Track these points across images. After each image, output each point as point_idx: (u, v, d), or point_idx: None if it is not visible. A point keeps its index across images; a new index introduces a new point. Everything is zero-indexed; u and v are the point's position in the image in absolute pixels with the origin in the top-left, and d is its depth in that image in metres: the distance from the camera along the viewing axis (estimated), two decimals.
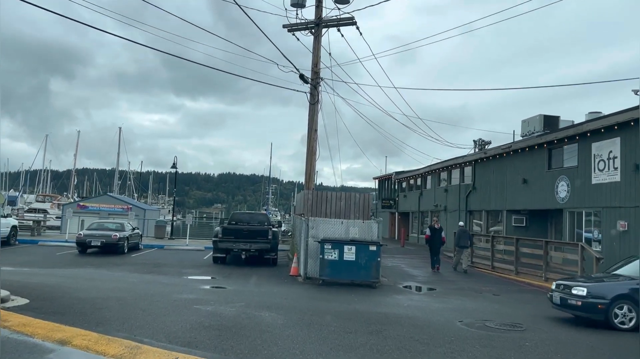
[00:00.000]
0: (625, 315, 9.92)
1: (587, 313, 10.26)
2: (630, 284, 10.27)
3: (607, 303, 9.96)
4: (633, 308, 9.89)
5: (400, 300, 12.70)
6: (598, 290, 10.27)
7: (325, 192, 18.12)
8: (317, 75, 19.07)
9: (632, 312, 9.91)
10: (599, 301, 10.04)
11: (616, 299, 9.97)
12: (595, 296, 10.12)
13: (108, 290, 11.85)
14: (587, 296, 10.20)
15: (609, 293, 10.10)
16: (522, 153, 21.88)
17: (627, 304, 9.93)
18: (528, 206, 21.71)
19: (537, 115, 27.94)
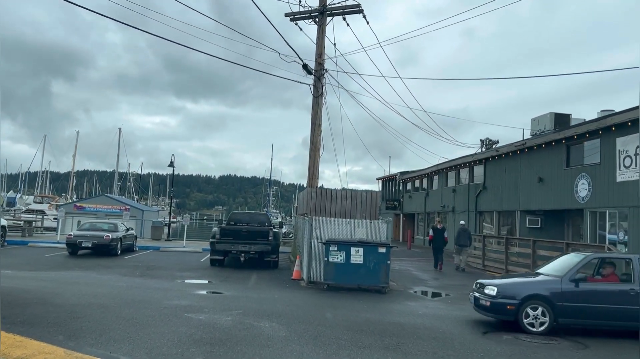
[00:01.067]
0: (536, 317, 9.06)
1: (497, 314, 9.44)
2: (544, 283, 9.44)
3: (517, 304, 9.12)
4: (545, 310, 9.06)
5: (413, 308, 11.54)
6: (508, 289, 9.42)
7: (330, 190, 16.98)
8: (321, 66, 17.96)
9: (545, 316, 9.07)
10: (508, 302, 9.21)
11: (527, 300, 9.12)
12: (505, 296, 9.29)
13: (91, 296, 10.72)
14: (496, 295, 9.37)
15: (519, 293, 9.24)
16: (537, 150, 20.72)
17: (538, 305, 9.09)
18: (544, 207, 20.54)
19: (548, 113, 26.86)
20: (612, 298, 9.06)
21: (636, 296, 8.93)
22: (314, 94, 18.02)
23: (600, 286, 9.38)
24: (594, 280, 9.71)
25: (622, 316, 8.99)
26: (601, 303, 9.05)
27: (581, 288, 9.15)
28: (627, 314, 8.96)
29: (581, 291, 9.13)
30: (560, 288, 9.14)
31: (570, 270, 9.48)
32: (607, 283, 9.52)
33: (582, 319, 9.17)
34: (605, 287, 9.32)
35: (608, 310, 9.05)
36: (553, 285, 9.26)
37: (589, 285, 9.32)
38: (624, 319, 9.01)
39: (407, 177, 38.31)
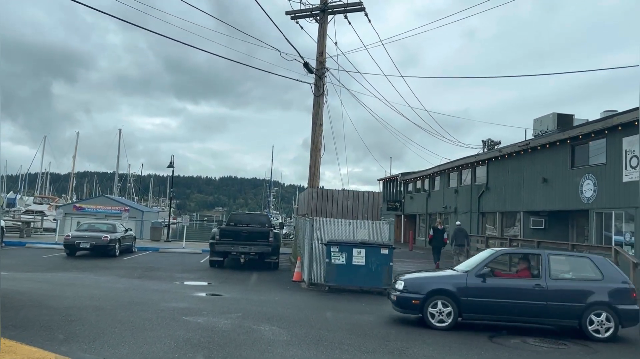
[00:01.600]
0: (441, 312, 8.92)
1: (403, 309, 9.34)
2: (450, 278, 9.33)
3: (421, 298, 9.01)
4: (450, 305, 8.91)
5: None
6: (414, 284, 9.30)
7: (331, 191, 16.72)
8: (322, 65, 17.72)
9: (450, 311, 8.93)
10: (413, 296, 9.09)
11: (432, 295, 9.01)
12: (411, 291, 9.18)
13: (87, 298, 10.47)
14: (402, 290, 9.28)
15: (424, 288, 9.13)
16: (541, 150, 20.44)
17: (443, 301, 8.93)
18: (548, 207, 20.26)
19: (550, 113, 26.63)
20: (517, 293, 8.91)
21: (541, 292, 8.82)
22: (315, 93, 17.78)
23: (507, 281, 9.24)
24: (504, 275, 9.61)
25: (528, 312, 8.88)
26: (507, 298, 8.90)
27: (488, 283, 9.02)
28: (532, 310, 8.85)
29: (487, 286, 8.99)
30: (465, 283, 9.04)
31: (477, 265, 9.39)
32: (514, 278, 9.41)
33: (488, 315, 9.05)
34: (511, 283, 9.18)
35: (514, 306, 8.88)
36: (459, 280, 9.16)
37: (496, 280, 9.18)
38: (529, 315, 8.90)
39: (409, 177, 38.04)
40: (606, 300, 8.69)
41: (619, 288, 8.81)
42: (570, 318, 8.78)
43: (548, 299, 8.77)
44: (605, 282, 8.87)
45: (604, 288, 8.80)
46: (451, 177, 30.19)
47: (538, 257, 9.32)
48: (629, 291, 8.79)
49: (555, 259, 9.29)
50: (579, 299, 8.74)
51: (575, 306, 8.70)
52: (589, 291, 8.80)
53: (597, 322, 8.66)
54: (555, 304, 8.76)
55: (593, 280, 8.99)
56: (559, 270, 9.22)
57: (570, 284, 9.00)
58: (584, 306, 8.68)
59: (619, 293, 8.77)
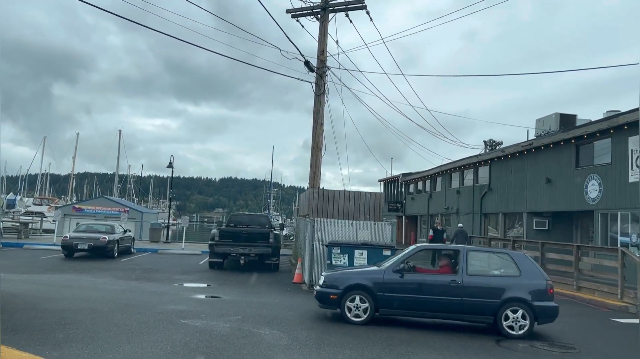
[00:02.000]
0: (357, 307, 8.99)
1: (323, 304, 9.38)
2: (368, 273, 9.38)
3: (339, 293, 9.07)
4: (367, 300, 8.97)
5: None
6: (333, 279, 9.36)
7: (332, 191, 16.47)
8: (323, 63, 17.48)
9: (366, 306, 8.98)
10: (331, 291, 9.18)
11: (349, 290, 9.06)
12: (330, 286, 9.27)
13: (83, 300, 10.23)
14: (322, 285, 9.41)
15: (342, 283, 9.18)
16: (545, 150, 20.19)
17: (360, 295, 8.99)
18: (552, 208, 20.01)
19: (553, 113, 26.45)
20: (434, 289, 8.89)
21: (457, 288, 8.76)
22: (315, 92, 17.54)
23: (425, 277, 9.18)
24: (424, 271, 9.58)
25: (444, 308, 8.85)
26: (423, 294, 8.88)
27: (406, 279, 9.01)
28: (448, 305, 8.81)
29: (404, 282, 8.99)
30: (382, 279, 9.06)
31: (396, 260, 9.40)
32: (433, 274, 9.37)
33: (405, 310, 9.06)
34: (429, 278, 9.12)
35: (430, 301, 8.86)
36: (376, 275, 9.18)
37: (414, 276, 9.14)
38: (445, 310, 8.87)
39: (410, 178, 37.78)
40: (522, 296, 8.59)
41: (535, 284, 8.70)
42: (486, 313, 8.71)
43: (463, 295, 8.72)
44: (523, 278, 8.78)
45: (520, 284, 8.71)
46: (453, 178, 29.94)
47: (457, 253, 9.28)
48: (546, 288, 8.69)
49: (474, 255, 9.27)
50: (494, 295, 8.67)
51: (491, 302, 8.63)
52: (505, 288, 8.71)
53: (512, 318, 8.55)
54: (470, 300, 8.71)
55: (510, 276, 8.91)
56: (477, 266, 9.18)
57: (486, 280, 8.92)
58: (500, 302, 8.59)
59: (535, 290, 8.65)
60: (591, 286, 14.61)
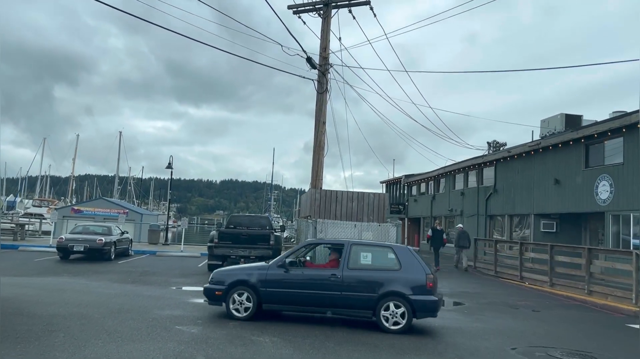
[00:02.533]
0: (241, 303, 8.98)
1: (210, 300, 9.36)
2: (253, 269, 9.43)
3: (224, 289, 9.07)
4: (250, 295, 8.97)
5: (429, 319, 10.49)
6: (220, 276, 9.39)
7: (335, 192, 15.99)
8: (325, 60, 17.01)
9: (249, 302, 8.96)
10: (217, 287, 9.19)
11: (234, 286, 9.06)
12: (216, 282, 9.27)
13: (75, 305, 9.73)
14: (210, 281, 9.43)
15: (228, 279, 9.21)
16: (553, 150, 19.68)
17: (244, 291, 8.99)
18: (560, 210, 19.50)
19: (558, 114, 26.03)
20: (315, 284, 8.87)
21: (336, 282, 8.74)
22: (317, 90, 17.07)
23: (309, 271, 9.16)
24: (312, 265, 9.55)
25: (324, 302, 8.81)
26: (305, 288, 8.87)
27: (291, 274, 9.02)
28: (328, 300, 8.78)
29: (288, 277, 9.00)
30: (266, 274, 9.09)
31: (281, 256, 9.49)
32: (317, 268, 9.37)
33: (287, 305, 9.06)
34: (311, 273, 9.11)
35: (311, 296, 8.84)
36: (260, 271, 9.21)
37: (299, 271, 9.14)
38: (326, 305, 8.83)
39: (413, 180, 37.28)
40: (400, 291, 8.52)
41: (415, 278, 8.62)
42: (364, 308, 8.65)
43: (342, 289, 8.68)
44: (402, 272, 8.72)
45: (399, 278, 8.65)
46: (457, 179, 29.42)
47: (342, 247, 9.24)
48: (425, 282, 8.58)
49: (357, 249, 9.27)
50: (372, 289, 8.62)
51: (369, 296, 8.58)
52: (383, 281, 8.67)
53: (390, 313, 8.49)
54: (349, 294, 8.67)
55: (390, 270, 8.86)
56: (360, 260, 9.15)
57: (365, 274, 8.88)
58: (378, 297, 8.55)
59: (414, 284, 8.58)
60: (603, 290, 14.09)
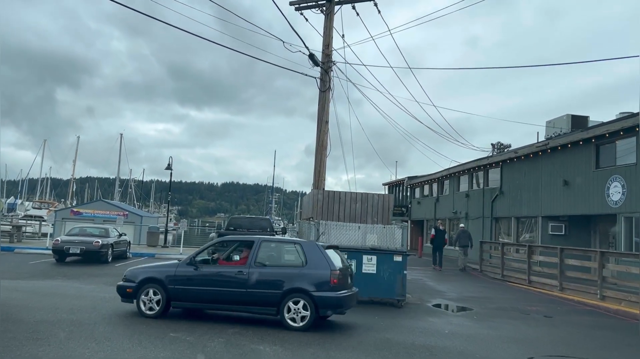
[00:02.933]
0: (150, 300, 8.95)
1: (123, 297, 9.34)
2: (165, 266, 9.52)
3: (135, 287, 9.11)
4: (160, 293, 8.94)
5: (437, 325, 10.01)
6: (133, 273, 9.45)
7: (338, 192, 15.48)
8: (328, 58, 16.51)
9: (159, 299, 8.93)
10: (128, 285, 9.24)
11: (144, 283, 9.07)
12: (128, 279, 9.33)
13: (65, 310, 9.26)
14: (123, 278, 9.48)
15: (139, 276, 9.24)
16: (562, 150, 19.17)
17: (153, 289, 8.96)
18: (569, 212, 18.97)
19: (564, 115, 25.52)
20: (222, 281, 8.81)
21: (242, 279, 8.66)
22: (320, 88, 16.57)
23: (218, 268, 9.08)
24: (224, 263, 9.39)
25: (231, 300, 8.74)
26: (213, 286, 8.82)
27: (200, 271, 8.97)
28: (235, 297, 8.69)
29: (197, 274, 8.95)
30: (174, 272, 9.07)
31: (192, 253, 9.49)
32: (227, 265, 9.21)
33: (196, 303, 9.00)
34: (219, 270, 9.03)
35: (219, 293, 8.77)
36: (170, 268, 9.24)
37: (208, 268, 9.09)
38: (232, 302, 8.77)
39: (415, 182, 36.77)
40: (303, 287, 8.40)
41: (318, 274, 8.47)
42: (268, 305, 8.53)
43: (248, 286, 8.61)
44: (308, 269, 8.59)
45: (304, 274, 8.54)
46: (461, 181, 28.91)
47: (252, 244, 9.18)
48: (329, 278, 8.42)
49: (266, 245, 9.28)
50: (277, 286, 8.52)
51: (273, 293, 8.49)
52: (288, 278, 8.56)
53: (294, 310, 8.34)
54: (255, 292, 8.59)
55: (296, 266, 8.79)
56: (267, 257, 9.14)
57: (271, 270, 8.80)
58: (281, 293, 8.44)
59: (318, 280, 8.43)
60: (617, 295, 13.55)
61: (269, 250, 9.23)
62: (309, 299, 8.30)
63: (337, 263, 8.80)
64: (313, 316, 8.30)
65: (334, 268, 8.53)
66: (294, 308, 8.33)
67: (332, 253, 9.13)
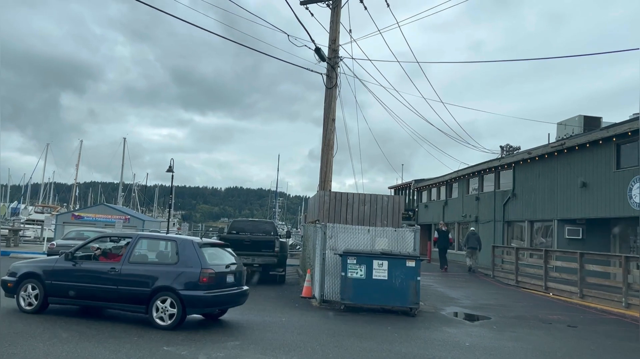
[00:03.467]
0: (29, 296, 8.98)
1: (6, 292, 9.25)
2: (45, 261, 9.59)
3: (15, 281, 9.13)
4: (38, 288, 8.97)
5: (455, 336, 9.19)
6: (15, 268, 9.41)
7: (346, 194, 14.71)
8: (335, 53, 15.81)
9: (36, 294, 8.94)
10: (9, 279, 9.23)
11: (24, 278, 9.09)
12: (11, 274, 9.32)
13: (46, 320, 8.49)
14: (7, 273, 9.38)
15: (19, 271, 9.25)
16: (579, 150, 18.31)
17: (32, 284, 9.00)
18: (588, 215, 18.09)
19: (576, 116, 24.75)
20: (96, 277, 8.75)
21: (114, 276, 8.60)
22: (327, 85, 15.86)
23: (94, 265, 9.02)
24: (103, 259, 9.32)
25: (104, 296, 8.64)
26: (88, 282, 8.76)
27: (78, 266, 8.91)
28: (107, 294, 8.60)
29: (74, 269, 8.90)
30: (53, 267, 9.07)
31: (72, 248, 9.40)
32: (104, 262, 9.12)
33: (72, 299, 8.89)
34: (94, 266, 8.96)
35: (93, 289, 8.70)
36: (49, 263, 9.25)
37: (86, 263, 9.03)
38: (105, 299, 8.67)
39: (423, 185, 35.91)
40: (171, 285, 8.31)
41: (189, 272, 8.38)
42: (138, 303, 8.44)
43: (119, 283, 8.56)
44: (178, 266, 8.51)
45: (174, 272, 8.45)
46: (471, 183, 28.04)
47: (129, 241, 9.16)
48: (198, 276, 8.32)
49: (143, 242, 9.33)
50: (146, 284, 8.43)
51: (142, 291, 8.40)
52: (157, 276, 8.46)
53: (162, 308, 8.25)
54: (125, 289, 8.52)
55: (167, 264, 8.74)
56: (143, 254, 9.11)
57: (142, 268, 8.67)
58: (150, 291, 8.35)
59: (186, 278, 8.34)
60: None
61: (145, 247, 9.28)
62: (177, 297, 8.20)
63: (213, 261, 8.73)
64: (180, 315, 8.19)
65: (205, 266, 8.42)
66: (162, 306, 8.23)
67: (217, 251, 9.23)
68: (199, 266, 8.41)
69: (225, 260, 9.21)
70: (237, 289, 9.09)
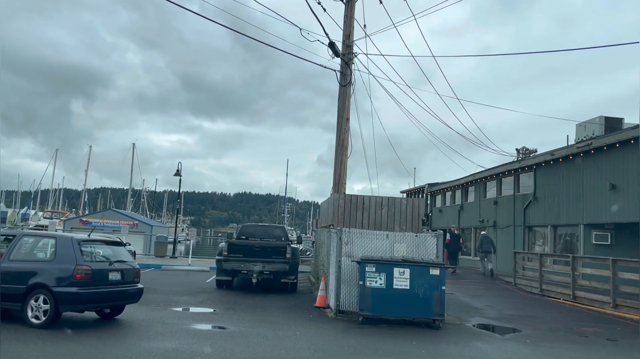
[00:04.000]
0: None
1: None
2: None
3: None
4: None
5: (488, 353, 8.30)
6: None
7: (362, 197, 13.88)
8: (349, 49, 15.03)
9: None
10: None
11: None
12: None
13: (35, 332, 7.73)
14: None
15: None
16: (608, 151, 17.29)
17: None
18: (617, 219, 17.05)
19: (597, 117, 23.73)
20: None
21: None
22: (340, 83, 15.07)
23: None
24: None
25: None
26: None
27: None
28: None
29: None
30: None
31: None
32: None
33: None
34: None
35: None
36: None
37: None
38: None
39: (437, 189, 34.88)
40: (44, 282, 8.29)
41: (63, 269, 8.36)
42: (15, 301, 8.36)
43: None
44: (54, 263, 8.51)
45: (48, 269, 8.44)
46: (488, 187, 26.99)
47: (14, 238, 9.10)
48: (72, 273, 8.30)
49: (26, 239, 9.23)
50: (22, 281, 8.38)
51: (18, 288, 8.35)
52: (33, 273, 8.46)
53: (35, 306, 8.24)
54: (3, 286, 8.35)
55: (44, 261, 8.74)
56: (23, 252, 8.96)
57: (20, 265, 8.63)
58: (26, 289, 8.32)
59: (60, 275, 8.33)
60: None
61: (26, 244, 9.17)
62: (49, 294, 8.18)
63: (94, 258, 8.75)
64: (53, 313, 8.13)
65: (80, 263, 8.41)
66: (35, 304, 8.22)
67: (103, 248, 9.22)
68: (74, 262, 8.41)
69: (112, 257, 9.21)
70: (124, 287, 9.11)
